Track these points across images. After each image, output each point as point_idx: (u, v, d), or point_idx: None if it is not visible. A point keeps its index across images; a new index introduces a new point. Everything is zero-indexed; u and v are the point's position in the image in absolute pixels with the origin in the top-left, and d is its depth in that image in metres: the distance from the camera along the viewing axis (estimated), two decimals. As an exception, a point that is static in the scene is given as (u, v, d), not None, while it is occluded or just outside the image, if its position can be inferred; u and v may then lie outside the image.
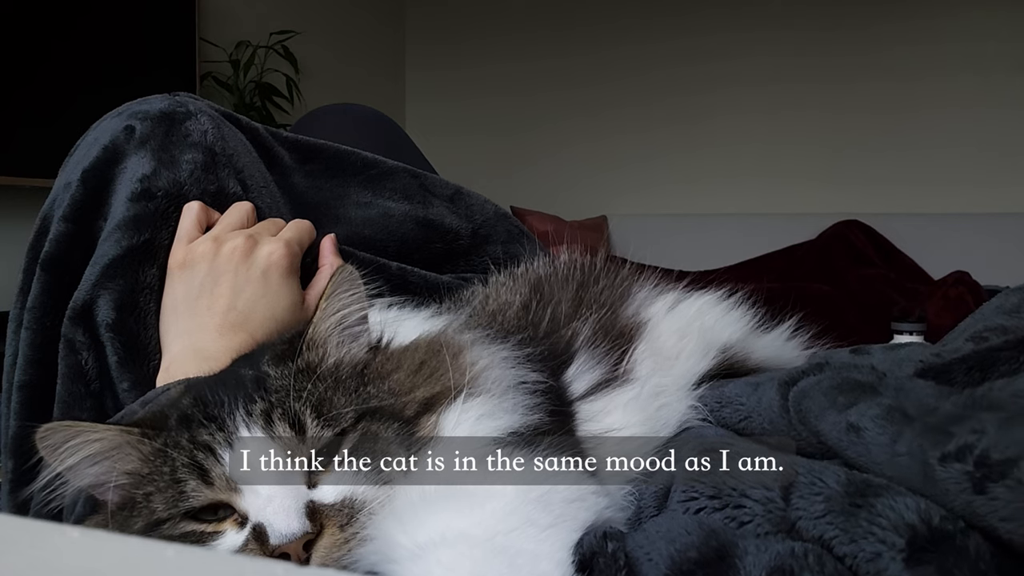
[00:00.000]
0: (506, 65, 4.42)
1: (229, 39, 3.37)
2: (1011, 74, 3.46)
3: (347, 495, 0.47)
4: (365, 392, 0.51)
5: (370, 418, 0.49)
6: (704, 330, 0.70)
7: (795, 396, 0.52)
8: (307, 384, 0.49)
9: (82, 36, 2.68)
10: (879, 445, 0.43)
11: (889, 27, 3.69)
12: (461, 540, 0.41)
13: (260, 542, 0.45)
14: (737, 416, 0.58)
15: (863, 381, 0.51)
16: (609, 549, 0.43)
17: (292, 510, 0.45)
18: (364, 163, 0.97)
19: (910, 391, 0.50)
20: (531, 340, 0.62)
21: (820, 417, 0.49)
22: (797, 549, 0.39)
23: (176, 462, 0.47)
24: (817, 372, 0.55)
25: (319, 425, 0.48)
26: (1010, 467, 0.37)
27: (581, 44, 4.27)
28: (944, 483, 0.38)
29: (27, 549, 0.23)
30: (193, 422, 0.49)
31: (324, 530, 0.46)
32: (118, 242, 0.72)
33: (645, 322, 0.68)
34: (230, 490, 0.47)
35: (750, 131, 3.93)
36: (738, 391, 0.57)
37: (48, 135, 1.95)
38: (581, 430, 0.56)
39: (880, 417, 0.45)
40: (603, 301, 0.70)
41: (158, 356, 0.71)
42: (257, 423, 0.48)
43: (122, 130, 0.77)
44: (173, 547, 0.23)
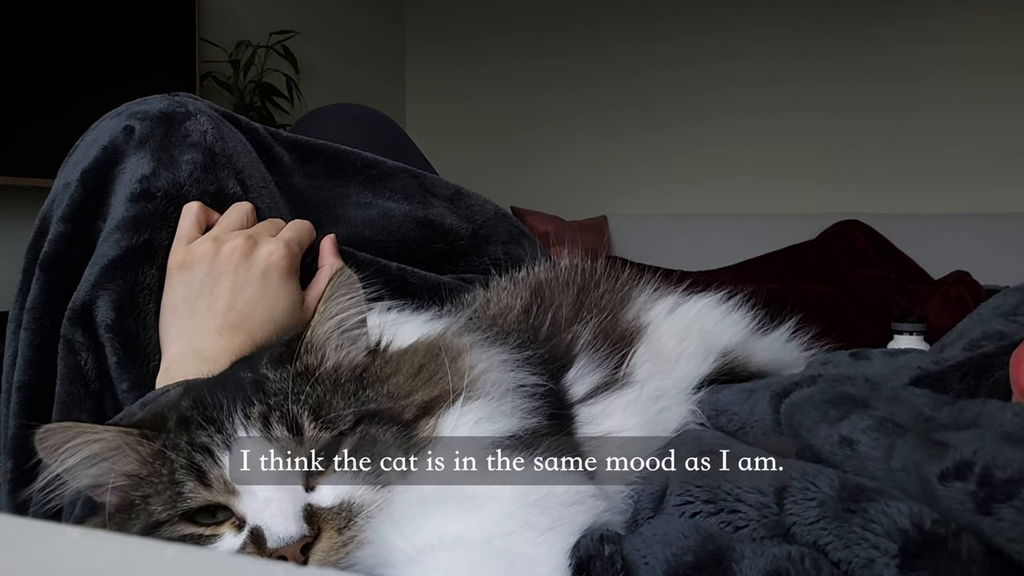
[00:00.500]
0: (506, 65, 4.42)
1: (229, 39, 3.37)
2: (1011, 74, 3.47)
3: (345, 498, 0.47)
4: (364, 395, 0.51)
5: (368, 421, 0.49)
6: (704, 333, 0.69)
7: (787, 409, 0.52)
8: (305, 387, 0.49)
9: (82, 36, 2.68)
10: (874, 459, 0.43)
11: (889, 27, 3.69)
12: (459, 543, 0.41)
13: (257, 545, 0.45)
14: (733, 426, 0.58)
15: (855, 395, 0.51)
16: (606, 552, 0.43)
17: (290, 513, 0.45)
18: (364, 163, 0.97)
19: (904, 400, 0.50)
20: (531, 343, 0.62)
21: (812, 431, 0.49)
22: (793, 553, 0.39)
23: (174, 464, 0.47)
24: (810, 384, 0.55)
25: (317, 427, 0.48)
26: (1016, 487, 0.36)
27: (581, 44, 4.27)
28: (946, 501, 0.38)
29: (27, 549, 0.23)
30: (192, 424, 0.49)
31: (322, 533, 0.45)
32: (117, 243, 0.72)
33: (645, 326, 0.68)
34: (228, 492, 0.47)
35: (750, 131, 3.93)
36: (732, 399, 0.57)
37: (48, 135, 1.95)
38: (580, 433, 0.56)
39: (872, 428, 0.45)
40: (604, 305, 0.70)
41: (157, 357, 0.71)
42: (255, 425, 0.48)
43: (121, 130, 0.77)
44: (173, 547, 0.23)
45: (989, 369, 0.56)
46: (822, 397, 0.51)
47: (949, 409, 0.48)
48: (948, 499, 0.38)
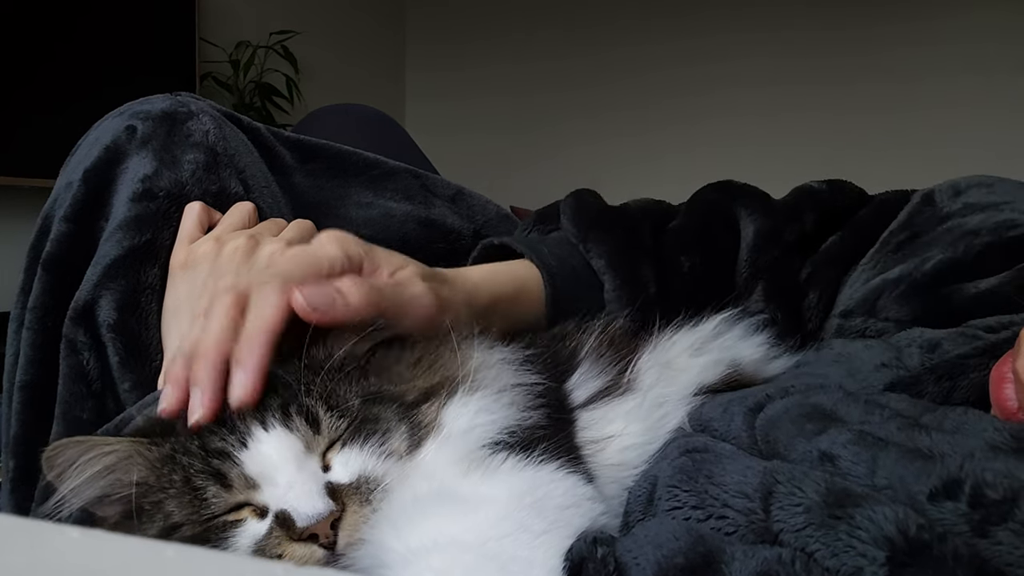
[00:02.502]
0: (506, 66, 4.43)
1: (229, 39, 3.38)
2: (1012, 75, 3.46)
3: (361, 472, 0.48)
4: (368, 383, 0.52)
5: (373, 402, 0.51)
6: (719, 346, 0.69)
7: (762, 425, 0.52)
8: (316, 379, 0.51)
9: (82, 36, 2.68)
10: (857, 475, 0.43)
11: (889, 28, 3.69)
12: (453, 545, 0.41)
13: (286, 528, 0.46)
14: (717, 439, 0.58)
15: (829, 408, 0.50)
16: (599, 554, 0.43)
17: (314, 492, 0.46)
18: (366, 163, 0.97)
19: (884, 406, 0.50)
20: (532, 343, 0.62)
21: (789, 447, 0.48)
22: (784, 555, 0.39)
23: (189, 469, 0.48)
24: (782, 396, 0.54)
25: (332, 416, 0.50)
26: (1010, 508, 0.36)
27: (581, 45, 4.27)
28: (939, 523, 0.38)
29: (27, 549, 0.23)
30: (202, 427, 0.49)
31: (346, 508, 0.47)
32: (120, 242, 0.72)
33: (654, 335, 0.68)
34: (249, 488, 0.48)
35: (749, 132, 3.93)
36: (713, 414, 0.57)
37: (48, 135, 1.96)
38: (580, 437, 0.56)
39: (852, 443, 0.44)
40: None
41: (160, 357, 0.71)
42: (272, 419, 0.49)
43: (124, 130, 0.77)
44: (173, 547, 0.23)
45: (964, 371, 0.55)
46: (798, 411, 0.50)
47: (930, 416, 0.48)
48: (941, 520, 0.38)
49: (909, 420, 0.47)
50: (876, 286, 0.72)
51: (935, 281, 0.69)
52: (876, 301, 0.71)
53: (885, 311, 0.70)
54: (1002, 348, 0.54)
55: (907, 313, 0.69)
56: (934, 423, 0.46)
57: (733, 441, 0.53)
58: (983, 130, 3.52)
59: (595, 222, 0.83)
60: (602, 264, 0.79)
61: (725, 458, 0.49)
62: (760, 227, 0.83)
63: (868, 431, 0.45)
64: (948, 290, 0.68)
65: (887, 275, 0.72)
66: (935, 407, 0.50)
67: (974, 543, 0.36)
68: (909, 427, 0.46)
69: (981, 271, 0.67)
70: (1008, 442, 0.42)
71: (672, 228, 0.85)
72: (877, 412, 0.49)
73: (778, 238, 0.82)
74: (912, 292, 0.69)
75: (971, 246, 0.69)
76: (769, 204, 0.86)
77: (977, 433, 0.43)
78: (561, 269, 0.78)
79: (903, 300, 0.69)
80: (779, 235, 0.82)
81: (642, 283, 0.79)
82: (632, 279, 0.79)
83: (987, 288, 0.66)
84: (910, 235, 0.76)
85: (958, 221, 0.73)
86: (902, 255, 0.74)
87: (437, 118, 4.56)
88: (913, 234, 0.75)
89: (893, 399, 0.52)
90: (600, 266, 0.79)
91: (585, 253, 0.81)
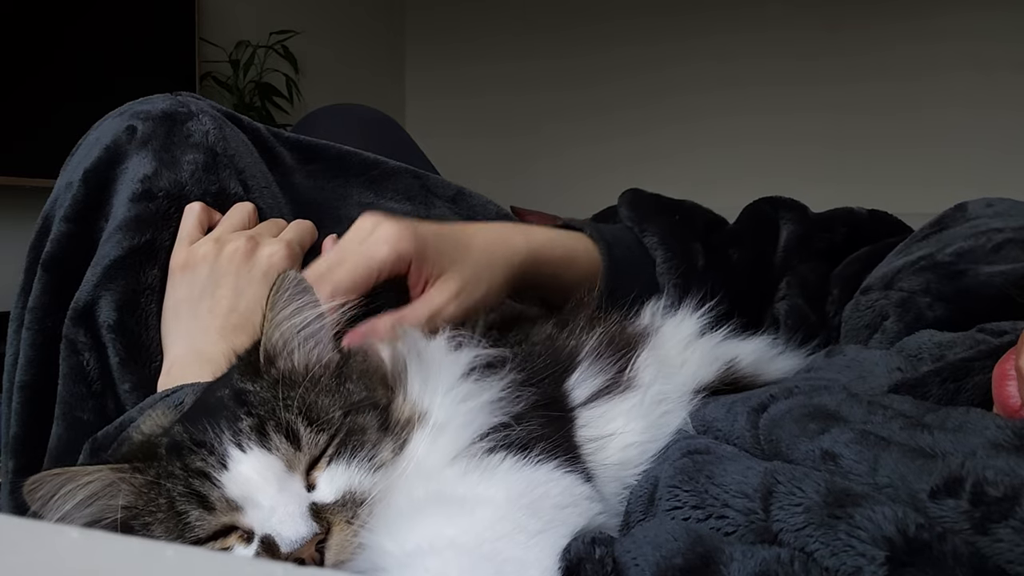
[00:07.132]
0: (506, 65, 4.42)
1: (229, 39, 3.37)
2: (1012, 74, 3.46)
3: (346, 489, 0.47)
4: (346, 390, 0.51)
5: (354, 412, 0.50)
6: (712, 341, 0.69)
7: (765, 425, 0.52)
8: (290, 392, 0.49)
9: (82, 36, 2.68)
10: (858, 474, 0.43)
11: (890, 27, 3.69)
12: (449, 547, 0.41)
13: (271, 553, 0.45)
14: (719, 441, 0.58)
15: (833, 408, 0.50)
16: (597, 555, 0.43)
17: (297, 515, 0.45)
18: (366, 163, 0.97)
19: (887, 407, 0.50)
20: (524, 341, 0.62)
21: (792, 446, 0.48)
22: (783, 556, 0.39)
23: (172, 492, 0.47)
24: (786, 397, 0.54)
25: (313, 431, 0.48)
26: (1011, 505, 0.36)
27: (581, 45, 4.27)
28: (940, 521, 0.38)
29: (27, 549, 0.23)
30: (183, 449, 0.48)
31: (332, 527, 0.46)
32: (119, 243, 0.72)
33: (652, 332, 0.68)
34: (232, 510, 0.47)
35: (751, 131, 3.93)
36: (716, 414, 0.57)
37: (48, 135, 1.95)
38: (580, 435, 0.55)
39: (854, 442, 0.44)
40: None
41: (160, 357, 0.71)
42: (249, 439, 0.47)
43: (124, 130, 0.77)
44: (173, 547, 0.23)
45: (968, 373, 0.55)
46: (801, 411, 0.50)
47: (932, 416, 0.48)
48: (942, 518, 0.38)
49: (912, 420, 0.47)
50: (897, 266, 0.76)
51: (952, 260, 0.73)
52: (894, 276, 0.75)
53: (900, 283, 0.73)
54: (1006, 350, 0.54)
55: (920, 284, 0.72)
56: (936, 422, 0.46)
57: (736, 440, 0.53)
58: (983, 129, 3.51)
59: (652, 209, 0.89)
60: (655, 241, 0.85)
61: (726, 459, 0.49)
62: (794, 231, 0.90)
63: (870, 430, 0.45)
64: (963, 268, 0.71)
65: (909, 257, 0.77)
66: (938, 407, 0.50)
67: (975, 541, 0.36)
68: (911, 426, 0.46)
69: (997, 260, 0.70)
70: (1010, 440, 0.42)
71: (726, 228, 0.92)
72: (880, 412, 0.49)
73: (808, 243, 0.89)
74: (928, 267, 0.73)
75: (992, 239, 0.72)
76: (806, 215, 0.93)
77: (979, 431, 0.43)
78: (618, 244, 0.83)
79: (919, 273, 0.73)
80: (809, 241, 0.89)
81: (692, 257, 0.85)
82: (683, 253, 0.84)
83: (999, 271, 0.68)
84: (938, 228, 0.80)
85: (985, 220, 0.78)
86: (926, 243, 0.78)
87: (437, 118, 4.56)
88: (941, 228, 0.80)
89: (896, 400, 0.52)
90: (652, 243, 0.85)
91: (640, 234, 0.86)
